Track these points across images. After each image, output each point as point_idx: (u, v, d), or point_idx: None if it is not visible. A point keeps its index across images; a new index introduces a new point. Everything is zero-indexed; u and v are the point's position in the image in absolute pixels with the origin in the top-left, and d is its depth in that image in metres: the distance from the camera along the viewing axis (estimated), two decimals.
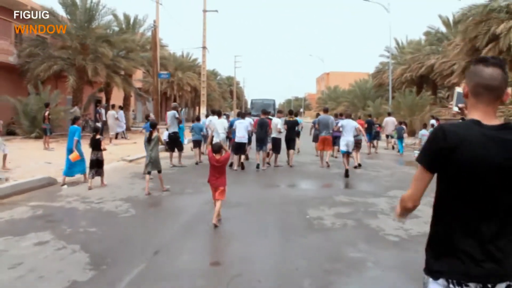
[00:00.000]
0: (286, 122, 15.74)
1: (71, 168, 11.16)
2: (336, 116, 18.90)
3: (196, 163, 15.92)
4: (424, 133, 17.42)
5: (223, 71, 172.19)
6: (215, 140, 11.27)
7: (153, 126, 10.91)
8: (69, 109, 22.89)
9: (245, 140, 14.56)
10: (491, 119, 2.15)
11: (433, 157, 2.20)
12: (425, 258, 2.28)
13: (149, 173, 10.52)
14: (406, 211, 2.39)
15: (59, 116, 21.48)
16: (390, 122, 24.04)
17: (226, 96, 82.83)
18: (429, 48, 38.06)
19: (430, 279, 2.21)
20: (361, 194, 10.32)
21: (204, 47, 37.85)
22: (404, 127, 22.90)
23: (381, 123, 24.10)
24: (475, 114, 2.19)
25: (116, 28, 27.96)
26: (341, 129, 13.62)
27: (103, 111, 25.66)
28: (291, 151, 15.63)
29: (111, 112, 23.69)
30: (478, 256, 2.10)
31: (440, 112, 32.17)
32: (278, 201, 9.51)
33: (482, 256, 2.10)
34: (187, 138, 20.68)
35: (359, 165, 15.25)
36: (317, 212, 8.40)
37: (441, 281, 2.16)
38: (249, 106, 60.72)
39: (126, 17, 32.83)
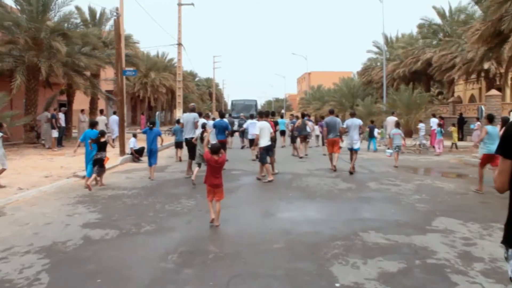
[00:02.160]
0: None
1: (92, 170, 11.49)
2: (322, 118, 19.92)
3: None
4: (396, 132, 16.20)
5: (202, 73, 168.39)
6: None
7: (203, 127, 12.21)
8: (17, 114, 19.29)
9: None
10: None
11: (508, 145, 2.65)
12: (505, 233, 2.68)
13: (199, 165, 12.10)
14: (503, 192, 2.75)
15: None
16: (391, 122, 21.66)
17: (205, 98, 79.62)
18: (423, 42, 35.43)
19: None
20: (398, 227, 7.17)
21: (179, 44, 34.55)
22: (375, 126, 23.61)
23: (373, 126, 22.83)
24: None
25: (78, 21, 24.40)
26: (346, 128, 14.33)
27: (61, 115, 22.13)
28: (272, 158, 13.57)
29: (100, 118, 22.41)
30: None
31: (439, 110, 29.38)
32: (282, 247, 6.23)
33: None
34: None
35: (353, 168, 14.04)
36: (349, 272, 5.17)
37: None
38: (229, 107, 57.47)
39: (92, 11, 29.34)
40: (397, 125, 16.69)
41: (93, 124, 12.38)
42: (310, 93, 68.28)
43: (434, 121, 23.18)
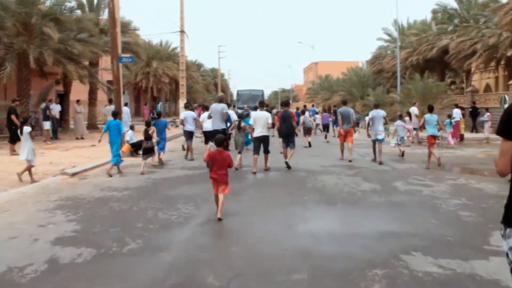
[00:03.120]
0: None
1: (117, 157, 11.89)
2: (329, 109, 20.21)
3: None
4: (399, 124, 16.84)
5: (207, 63, 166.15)
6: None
7: (240, 116, 14.21)
8: (6, 104, 17.89)
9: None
10: None
11: (509, 126, 2.66)
12: (505, 214, 2.75)
13: (240, 152, 12.90)
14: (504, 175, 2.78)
15: None
16: (413, 114, 20.86)
17: (210, 88, 77.82)
18: (438, 28, 33.64)
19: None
20: (449, 247, 5.64)
21: (182, 31, 33.02)
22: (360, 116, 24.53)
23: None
24: None
25: (73, 5, 22.84)
26: (371, 120, 14.28)
27: (55, 106, 20.71)
28: (289, 149, 12.94)
29: (110, 107, 21.07)
30: None
31: (456, 100, 27.71)
32: (304, 278, 4.66)
33: None
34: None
35: (381, 161, 13.88)
36: None
37: None
38: (234, 97, 55.90)
39: None
40: (400, 117, 17.97)
41: (115, 114, 12.58)
42: (318, 83, 66.50)
43: (457, 112, 21.55)
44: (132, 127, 16.96)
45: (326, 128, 24.48)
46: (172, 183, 10.73)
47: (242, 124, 13.46)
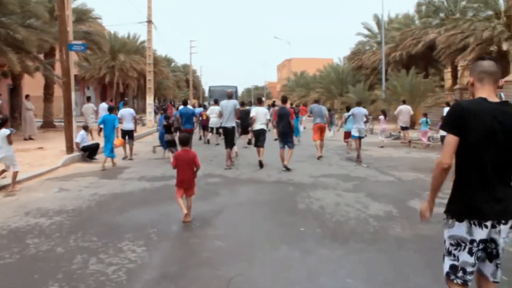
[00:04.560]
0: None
1: (112, 152, 12.54)
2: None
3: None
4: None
5: (179, 59, 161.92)
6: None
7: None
8: None
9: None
10: (493, 98, 2.93)
11: (455, 124, 2.90)
12: (449, 205, 3.03)
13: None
14: (443, 172, 2.93)
15: None
16: (405, 111, 19.06)
17: (182, 85, 75.05)
18: (422, 22, 31.82)
19: (456, 222, 2.95)
20: None
21: (149, 21, 30.18)
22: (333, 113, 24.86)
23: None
24: (481, 94, 2.96)
25: None
26: (352, 116, 14.15)
27: None
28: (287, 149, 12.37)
29: (88, 105, 22.52)
30: (492, 201, 2.86)
31: (448, 97, 25.87)
32: None
33: (494, 201, 2.86)
34: None
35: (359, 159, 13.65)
36: None
37: (465, 222, 2.92)
38: (206, 94, 53.23)
39: None
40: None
41: (110, 109, 13.48)
42: (293, 80, 64.34)
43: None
44: (85, 128, 14.34)
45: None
46: (122, 202, 8.20)
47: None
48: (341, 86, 41.47)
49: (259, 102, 13.95)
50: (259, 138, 12.53)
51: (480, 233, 2.87)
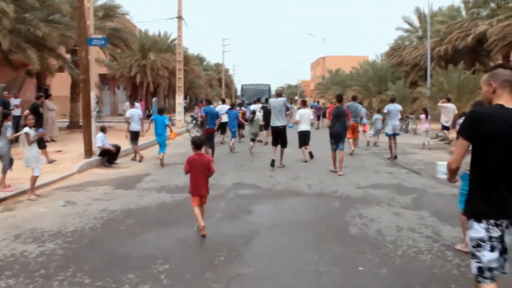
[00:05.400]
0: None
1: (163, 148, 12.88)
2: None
3: None
4: (378, 117, 17.70)
5: (211, 58, 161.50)
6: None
7: (253, 112, 17.27)
8: None
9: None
10: (510, 105, 3.00)
11: (469, 129, 3.02)
12: (467, 205, 3.15)
13: (253, 140, 15.47)
14: (452, 172, 3.22)
15: None
16: (450, 110, 17.57)
17: (214, 84, 74.04)
18: (471, 13, 29.44)
19: (474, 223, 3.01)
20: None
21: (179, 17, 29.00)
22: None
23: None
24: (499, 101, 3.03)
25: None
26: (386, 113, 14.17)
27: (14, 101, 16.68)
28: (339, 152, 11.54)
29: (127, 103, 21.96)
30: (508, 202, 2.94)
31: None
32: None
33: (508, 201, 2.94)
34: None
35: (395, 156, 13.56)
36: None
37: (483, 223, 2.97)
38: (239, 93, 51.93)
39: None
40: (378, 110, 19.59)
41: (161, 111, 13.97)
42: (328, 78, 62.24)
43: None
44: (103, 129, 13.07)
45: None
46: (134, 221, 6.78)
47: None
48: (379, 84, 39.28)
49: (304, 104, 14.91)
50: (306, 140, 13.27)
51: (497, 232, 2.96)
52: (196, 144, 6.26)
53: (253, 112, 17.65)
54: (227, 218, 6.89)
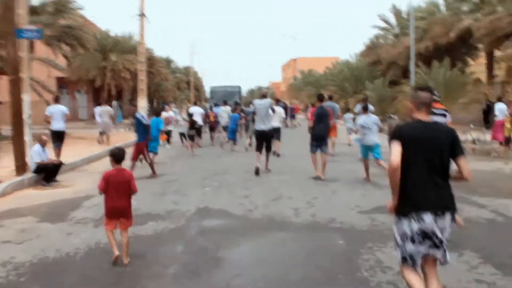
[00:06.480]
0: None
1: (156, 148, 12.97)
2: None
3: None
4: (349, 116, 18.04)
5: (181, 61, 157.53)
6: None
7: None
8: None
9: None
10: (427, 119, 3.62)
11: (398, 137, 3.54)
12: (396, 205, 3.55)
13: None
14: (394, 173, 3.47)
15: None
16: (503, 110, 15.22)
17: (183, 86, 71.52)
18: (451, 8, 28.00)
19: (402, 217, 3.49)
20: None
21: (142, 14, 26.49)
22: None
23: None
24: (418, 117, 3.62)
25: None
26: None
27: None
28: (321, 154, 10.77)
29: (105, 108, 18.73)
30: (431, 197, 3.42)
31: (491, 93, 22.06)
32: None
33: (431, 196, 3.42)
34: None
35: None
36: None
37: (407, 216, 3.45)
38: (207, 95, 49.55)
39: None
40: (348, 110, 20.52)
41: (157, 113, 14.49)
42: (300, 79, 60.49)
43: (501, 109, 15.38)
44: (41, 141, 10.55)
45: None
46: (42, 287, 4.43)
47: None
48: (355, 83, 37.64)
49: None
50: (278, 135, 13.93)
51: (416, 226, 3.43)
52: (116, 156, 5.18)
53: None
54: (184, 277, 4.63)
